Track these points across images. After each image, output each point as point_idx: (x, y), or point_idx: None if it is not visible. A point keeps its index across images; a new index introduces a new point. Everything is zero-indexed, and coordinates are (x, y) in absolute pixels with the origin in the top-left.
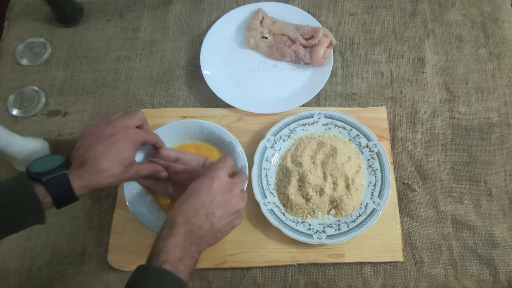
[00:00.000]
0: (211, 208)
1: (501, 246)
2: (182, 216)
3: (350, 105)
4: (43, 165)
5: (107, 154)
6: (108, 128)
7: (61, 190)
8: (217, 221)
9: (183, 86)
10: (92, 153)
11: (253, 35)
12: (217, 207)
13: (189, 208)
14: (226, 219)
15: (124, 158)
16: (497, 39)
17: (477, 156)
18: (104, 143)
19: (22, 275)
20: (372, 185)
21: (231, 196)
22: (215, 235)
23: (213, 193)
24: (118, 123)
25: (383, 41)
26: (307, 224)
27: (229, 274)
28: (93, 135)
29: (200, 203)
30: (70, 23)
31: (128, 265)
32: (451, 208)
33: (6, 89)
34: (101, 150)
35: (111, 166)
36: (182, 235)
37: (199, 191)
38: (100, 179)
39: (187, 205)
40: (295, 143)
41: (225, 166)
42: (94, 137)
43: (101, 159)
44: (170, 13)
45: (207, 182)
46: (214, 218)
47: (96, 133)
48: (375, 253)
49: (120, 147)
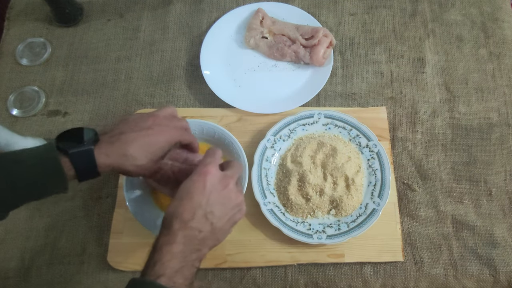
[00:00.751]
0: (209, 208)
1: (501, 246)
2: (178, 220)
3: (350, 105)
4: (73, 137)
5: (137, 142)
6: (150, 119)
7: (85, 165)
8: (217, 220)
9: (183, 86)
10: (124, 137)
11: (253, 35)
12: (215, 206)
13: (185, 211)
14: (226, 217)
15: (151, 152)
16: (497, 39)
17: (477, 156)
18: (139, 132)
19: (22, 275)
20: (372, 185)
21: (228, 191)
22: (217, 236)
23: (207, 191)
24: (162, 119)
25: (383, 41)
26: (307, 224)
27: (229, 274)
28: (133, 122)
29: (196, 204)
30: (70, 23)
31: (128, 265)
32: (451, 208)
33: (6, 89)
34: (133, 137)
35: (137, 155)
36: (182, 242)
37: (193, 191)
38: (124, 163)
39: (182, 208)
40: (295, 143)
41: (215, 160)
42: (134, 124)
43: (129, 145)
44: (170, 13)
45: (199, 180)
46: (214, 217)
47: (137, 121)
48: (375, 253)
49: (152, 141)
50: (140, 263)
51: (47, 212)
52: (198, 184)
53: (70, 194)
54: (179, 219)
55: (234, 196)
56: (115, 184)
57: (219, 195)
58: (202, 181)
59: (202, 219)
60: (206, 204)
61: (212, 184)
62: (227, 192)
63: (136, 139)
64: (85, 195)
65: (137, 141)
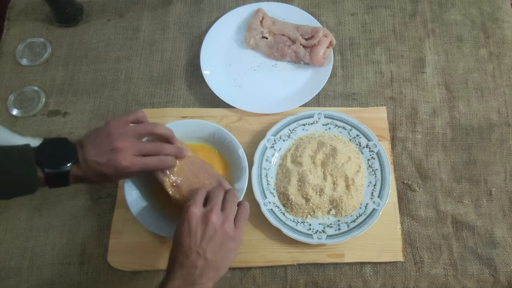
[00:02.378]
0: (199, 246)
1: (501, 246)
2: (176, 263)
3: (350, 105)
4: (53, 158)
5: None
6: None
7: (58, 182)
8: (211, 254)
9: (183, 86)
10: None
11: (253, 35)
12: (203, 242)
13: (180, 254)
14: (219, 248)
15: (121, 173)
16: (497, 39)
17: (477, 156)
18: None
19: (22, 275)
20: (372, 185)
21: (211, 225)
22: (216, 266)
23: (193, 232)
24: (112, 121)
25: (383, 41)
26: (307, 224)
27: (229, 274)
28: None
29: (187, 247)
30: (70, 23)
31: (128, 265)
32: (451, 208)
33: (6, 89)
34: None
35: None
36: (181, 278)
37: (181, 235)
38: (98, 181)
39: (178, 253)
40: (295, 143)
41: (196, 199)
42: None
43: (101, 167)
44: (170, 13)
45: (184, 224)
46: (206, 252)
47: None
48: (375, 253)
49: (119, 167)
50: (140, 263)
51: (47, 212)
52: (184, 228)
53: (70, 194)
54: (177, 261)
55: (219, 228)
56: (115, 184)
57: (205, 233)
58: (186, 224)
59: (196, 257)
60: (195, 244)
61: (196, 224)
62: (211, 226)
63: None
64: (85, 195)
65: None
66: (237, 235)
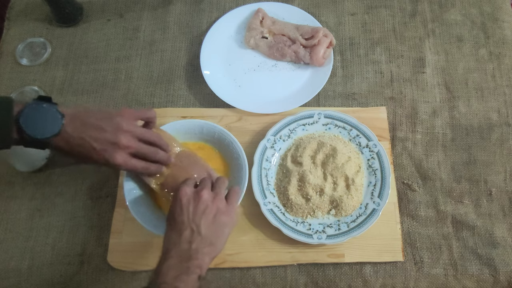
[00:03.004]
0: (193, 222)
1: (501, 246)
2: (171, 242)
3: (350, 105)
4: (40, 126)
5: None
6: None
7: (33, 145)
8: (205, 229)
9: (183, 86)
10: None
11: (253, 35)
12: (197, 217)
13: (174, 233)
14: (212, 223)
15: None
16: (497, 39)
17: (477, 156)
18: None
19: (22, 275)
20: (372, 185)
21: (203, 200)
22: (210, 241)
23: (185, 209)
24: (126, 113)
25: (383, 41)
26: (307, 224)
27: (228, 274)
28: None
29: (180, 224)
30: (70, 23)
31: (128, 265)
32: (451, 208)
33: (6, 89)
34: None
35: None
36: (176, 256)
37: (174, 214)
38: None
39: (172, 232)
40: (295, 143)
41: (188, 182)
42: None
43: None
44: (170, 13)
45: (176, 202)
46: (199, 227)
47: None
48: (375, 253)
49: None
50: (140, 263)
51: (47, 212)
52: (176, 205)
53: (70, 194)
54: (171, 242)
55: (210, 203)
56: (115, 184)
57: (197, 208)
58: (179, 202)
59: (190, 232)
60: (188, 219)
61: (187, 201)
62: (203, 202)
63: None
64: (85, 195)
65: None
66: (230, 209)
